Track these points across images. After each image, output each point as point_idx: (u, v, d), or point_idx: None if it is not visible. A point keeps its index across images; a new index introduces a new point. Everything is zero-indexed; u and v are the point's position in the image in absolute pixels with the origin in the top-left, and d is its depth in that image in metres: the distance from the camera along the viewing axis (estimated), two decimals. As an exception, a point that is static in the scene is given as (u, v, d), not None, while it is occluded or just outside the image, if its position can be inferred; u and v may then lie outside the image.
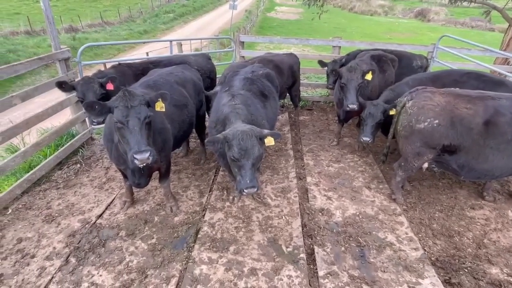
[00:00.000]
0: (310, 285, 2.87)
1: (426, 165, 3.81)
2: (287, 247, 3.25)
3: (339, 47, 7.21)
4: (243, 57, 7.08)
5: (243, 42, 7.25)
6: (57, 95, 4.80)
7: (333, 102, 6.74)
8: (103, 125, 3.62)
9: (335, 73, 4.79)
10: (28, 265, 3.01)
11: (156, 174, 3.66)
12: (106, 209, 3.78)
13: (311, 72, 9.18)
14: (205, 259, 3.08)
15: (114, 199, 3.97)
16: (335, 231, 3.51)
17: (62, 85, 4.04)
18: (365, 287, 2.84)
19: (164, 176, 3.63)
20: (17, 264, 3.01)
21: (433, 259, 3.24)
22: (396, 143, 4.19)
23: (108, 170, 4.60)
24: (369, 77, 4.58)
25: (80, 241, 3.30)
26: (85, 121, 5.19)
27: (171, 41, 6.95)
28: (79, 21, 21.72)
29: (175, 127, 3.61)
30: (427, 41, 10.23)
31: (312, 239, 3.41)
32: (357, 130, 5.83)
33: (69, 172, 4.53)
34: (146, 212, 3.75)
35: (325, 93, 7.80)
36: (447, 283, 2.97)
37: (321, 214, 3.78)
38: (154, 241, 3.32)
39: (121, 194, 4.01)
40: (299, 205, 3.90)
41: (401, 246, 3.31)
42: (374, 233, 3.49)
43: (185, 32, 23.57)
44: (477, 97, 3.47)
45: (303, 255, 3.15)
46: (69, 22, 21.11)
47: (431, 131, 3.49)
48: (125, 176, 3.56)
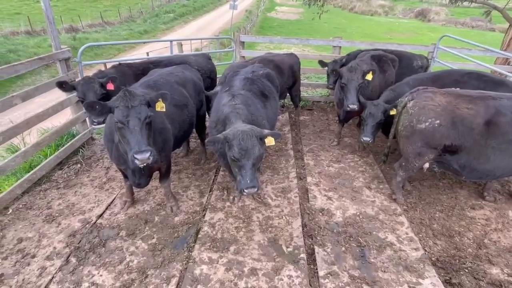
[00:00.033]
0: (310, 285, 2.87)
1: (427, 165, 3.81)
2: (288, 247, 3.25)
3: (340, 47, 7.21)
4: (244, 57, 7.08)
5: (243, 42, 7.24)
6: (57, 95, 4.80)
7: (334, 102, 6.74)
8: (103, 125, 3.62)
9: (336, 73, 4.79)
10: (28, 265, 3.01)
11: (156, 174, 3.66)
12: (106, 209, 3.79)
13: (312, 72, 9.19)
14: (205, 259, 3.08)
15: (114, 199, 3.97)
16: (335, 231, 3.51)
17: (62, 85, 4.05)
18: (365, 287, 2.85)
19: (164, 176, 3.63)
20: (18, 264, 3.02)
21: (433, 259, 3.23)
22: (396, 143, 4.19)
23: (108, 170, 4.60)
24: (369, 77, 4.58)
25: (80, 241, 3.30)
26: (85, 121, 5.20)
27: (171, 41, 6.95)
28: (79, 21, 21.74)
29: (175, 127, 3.61)
30: (428, 41, 10.22)
31: (312, 239, 3.41)
32: (357, 130, 5.83)
33: (70, 172, 4.53)
34: (146, 212, 3.75)
35: (326, 93, 7.80)
36: (448, 283, 2.97)
37: (321, 214, 3.78)
38: (154, 241, 3.32)
39: (122, 194, 4.01)
40: (300, 205, 3.90)
41: (402, 246, 3.31)
42: (374, 233, 3.49)
43: (186, 32, 23.58)
44: (478, 97, 3.47)
45: (303, 255, 3.15)
46: (69, 22, 21.14)
47: (432, 131, 3.49)
48: (125, 176, 3.56)
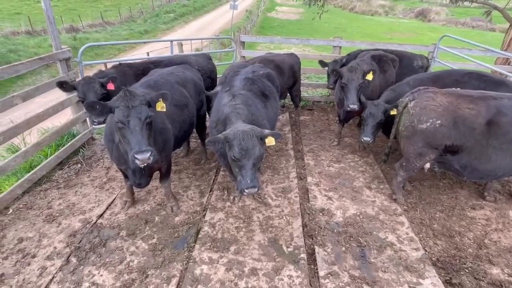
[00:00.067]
0: (310, 285, 2.87)
1: (428, 165, 3.81)
2: (288, 247, 3.25)
3: (340, 47, 7.21)
4: (244, 57, 7.09)
5: (243, 42, 7.24)
6: (58, 95, 4.81)
7: (334, 102, 6.74)
8: (104, 125, 3.63)
9: (336, 73, 4.78)
10: (29, 264, 3.01)
11: (156, 174, 3.66)
12: (106, 209, 3.79)
13: (312, 72, 9.19)
14: (205, 259, 3.08)
15: (114, 199, 3.97)
16: (335, 231, 3.51)
17: (63, 85, 4.04)
18: (365, 287, 2.84)
19: (164, 176, 3.63)
20: (18, 263, 3.02)
21: (433, 259, 3.23)
22: (397, 143, 4.18)
23: (108, 170, 4.60)
24: (369, 77, 4.58)
25: (80, 241, 3.30)
26: (86, 121, 5.20)
27: (171, 41, 6.96)
28: (79, 21, 21.75)
29: (175, 127, 3.61)
30: (428, 41, 10.22)
31: (312, 239, 3.41)
32: (357, 130, 5.83)
33: (70, 172, 4.53)
34: (146, 212, 3.75)
35: (326, 93, 7.80)
36: (448, 283, 2.97)
37: (321, 214, 3.78)
38: (154, 241, 3.33)
39: (122, 194, 4.01)
40: (300, 205, 3.90)
41: (402, 246, 3.31)
42: (374, 233, 3.48)
43: (186, 32, 23.58)
44: (479, 97, 3.47)
45: (303, 255, 3.14)
46: (70, 22, 21.15)
47: (433, 132, 3.48)
48: (125, 176, 3.56)
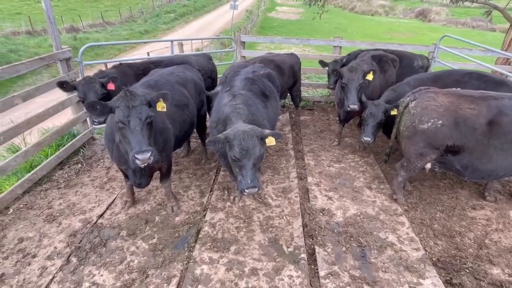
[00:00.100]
0: (311, 285, 2.87)
1: (429, 166, 3.80)
2: (288, 247, 3.25)
3: (340, 47, 7.21)
4: (244, 57, 7.09)
5: (244, 42, 7.24)
6: (58, 95, 4.81)
7: (334, 102, 6.74)
8: (104, 125, 3.63)
9: (336, 73, 4.78)
10: (29, 264, 3.01)
11: (157, 174, 3.66)
12: (107, 209, 3.79)
13: (312, 72, 9.19)
14: (206, 259, 3.08)
15: (115, 199, 3.97)
16: (336, 231, 3.51)
17: (63, 85, 4.04)
18: (366, 287, 2.84)
19: (165, 176, 3.63)
20: (19, 263, 3.02)
21: (434, 259, 3.23)
22: (397, 143, 4.18)
23: (109, 170, 4.61)
24: (370, 77, 4.58)
25: (81, 240, 3.30)
26: (86, 121, 5.21)
27: (172, 41, 6.96)
28: (80, 21, 21.74)
29: (176, 127, 3.61)
30: (428, 41, 10.21)
31: (313, 239, 3.41)
32: (358, 130, 5.83)
33: (70, 172, 4.53)
34: (147, 212, 3.75)
35: (326, 93, 7.80)
36: (448, 283, 2.97)
37: (322, 214, 3.78)
38: (155, 241, 3.33)
39: (122, 194, 4.01)
40: (300, 205, 3.90)
41: (402, 246, 3.31)
42: (375, 233, 3.48)
43: (186, 32, 23.58)
44: (480, 97, 3.46)
45: (304, 255, 3.14)
46: (70, 22, 21.14)
47: (434, 132, 3.48)
48: (126, 176, 3.56)
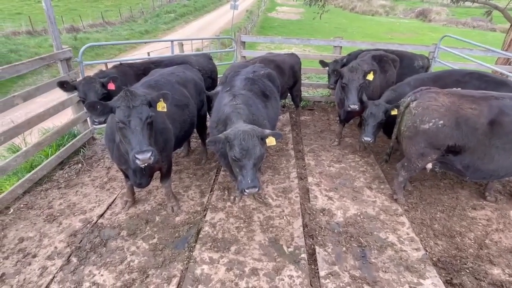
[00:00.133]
0: (311, 285, 2.87)
1: (430, 166, 3.80)
2: (288, 247, 3.25)
3: (340, 47, 7.20)
4: (244, 57, 7.08)
5: (244, 42, 7.25)
6: (58, 95, 4.81)
7: (334, 102, 6.73)
8: (104, 125, 3.63)
9: (337, 73, 4.77)
10: (29, 264, 3.01)
11: (157, 174, 3.66)
12: (107, 208, 3.79)
13: (312, 72, 9.18)
14: (206, 259, 3.08)
15: (115, 199, 3.97)
16: (336, 231, 3.51)
17: (63, 85, 4.05)
18: (366, 287, 2.85)
19: (165, 176, 3.63)
20: (19, 263, 3.02)
21: (434, 259, 3.23)
22: (398, 143, 4.18)
23: (109, 170, 4.61)
24: (370, 77, 4.58)
25: (81, 240, 3.30)
26: (86, 121, 5.21)
27: (172, 41, 6.96)
28: (80, 21, 21.74)
29: (176, 127, 3.61)
30: (429, 41, 10.20)
31: (313, 239, 3.41)
32: (358, 130, 5.83)
33: (71, 172, 4.54)
34: (147, 212, 3.75)
35: (326, 93, 7.80)
36: (449, 283, 2.97)
37: (322, 214, 3.78)
38: (155, 241, 3.33)
39: (123, 194, 4.01)
40: (300, 205, 3.90)
41: (403, 246, 3.30)
42: (375, 233, 3.48)
43: (186, 32, 23.58)
44: (481, 97, 3.46)
45: (304, 255, 3.14)
46: (70, 22, 21.15)
47: (436, 132, 3.48)
48: (126, 176, 3.56)
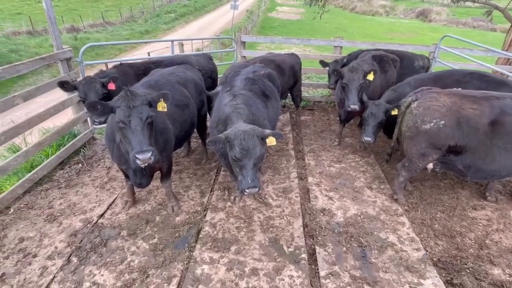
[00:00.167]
0: (311, 285, 2.87)
1: (431, 166, 3.80)
2: (289, 247, 3.25)
3: (341, 47, 7.20)
4: (245, 57, 7.08)
5: (244, 42, 7.24)
6: (59, 95, 4.81)
7: (335, 102, 6.73)
8: (104, 125, 3.63)
9: (337, 73, 4.77)
10: (30, 264, 3.01)
11: (157, 174, 3.66)
12: (107, 208, 3.79)
13: (313, 72, 9.18)
14: (206, 259, 3.08)
15: (115, 198, 3.97)
16: (336, 231, 3.51)
17: (64, 85, 4.05)
18: (366, 287, 2.85)
19: (165, 176, 3.63)
20: (19, 263, 3.02)
21: (434, 259, 3.23)
22: (398, 143, 4.18)
23: (109, 170, 4.61)
24: (370, 77, 4.57)
25: (81, 240, 3.30)
26: (86, 121, 5.21)
27: (172, 41, 6.96)
28: (80, 21, 21.77)
29: (176, 127, 3.61)
30: (429, 41, 10.20)
31: (313, 239, 3.41)
32: (358, 130, 5.82)
33: (71, 171, 4.54)
34: (147, 212, 3.75)
35: (327, 93, 7.79)
36: (449, 283, 2.96)
37: (322, 214, 3.78)
38: (155, 240, 3.33)
39: (123, 194, 4.01)
40: (301, 205, 3.90)
41: (403, 246, 3.30)
42: (375, 233, 3.48)
43: (187, 32, 23.59)
44: (482, 97, 3.46)
45: (304, 255, 3.14)
46: (70, 22, 21.16)
47: (437, 132, 3.47)
48: (126, 176, 3.56)
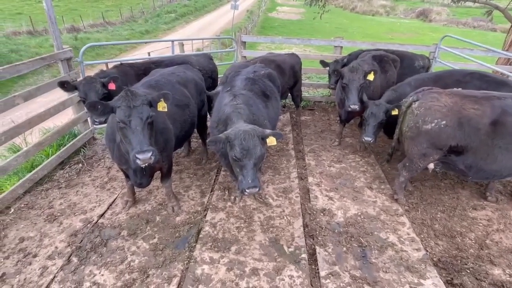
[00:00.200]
0: (311, 285, 2.87)
1: (432, 166, 3.79)
2: (289, 247, 3.25)
3: (341, 47, 7.20)
4: (245, 57, 7.08)
5: (244, 42, 7.24)
6: (59, 95, 4.82)
7: (335, 102, 6.72)
8: (105, 125, 3.63)
9: (337, 73, 4.77)
10: (30, 264, 3.02)
11: (158, 174, 3.66)
12: (108, 208, 3.79)
13: (313, 72, 9.18)
14: (206, 259, 3.08)
15: (116, 198, 3.97)
16: (336, 231, 3.51)
17: (64, 85, 4.06)
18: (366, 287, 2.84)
19: (165, 176, 3.63)
20: (19, 263, 3.02)
21: (435, 259, 3.23)
22: (398, 143, 4.17)
23: (110, 169, 4.61)
24: (371, 77, 4.57)
25: (82, 240, 3.30)
26: (87, 120, 5.21)
27: (172, 41, 6.96)
28: (81, 21, 21.78)
29: (177, 127, 3.61)
30: (429, 41, 10.20)
31: (313, 239, 3.41)
32: (358, 130, 5.82)
33: (71, 171, 4.54)
34: (147, 211, 3.75)
35: (327, 93, 7.79)
36: (449, 283, 2.96)
37: (322, 214, 3.78)
38: (155, 240, 3.33)
39: (123, 193, 4.01)
40: (301, 205, 3.89)
41: (403, 246, 3.30)
42: (375, 233, 3.48)
43: (187, 32, 23.59)
44: (483, 98, 3.46)
45: (304, 255, 3.14)
46: (71, 22, 21.18)
47: (438, 132, 3.47)
48: (127, 176, 3.56)
